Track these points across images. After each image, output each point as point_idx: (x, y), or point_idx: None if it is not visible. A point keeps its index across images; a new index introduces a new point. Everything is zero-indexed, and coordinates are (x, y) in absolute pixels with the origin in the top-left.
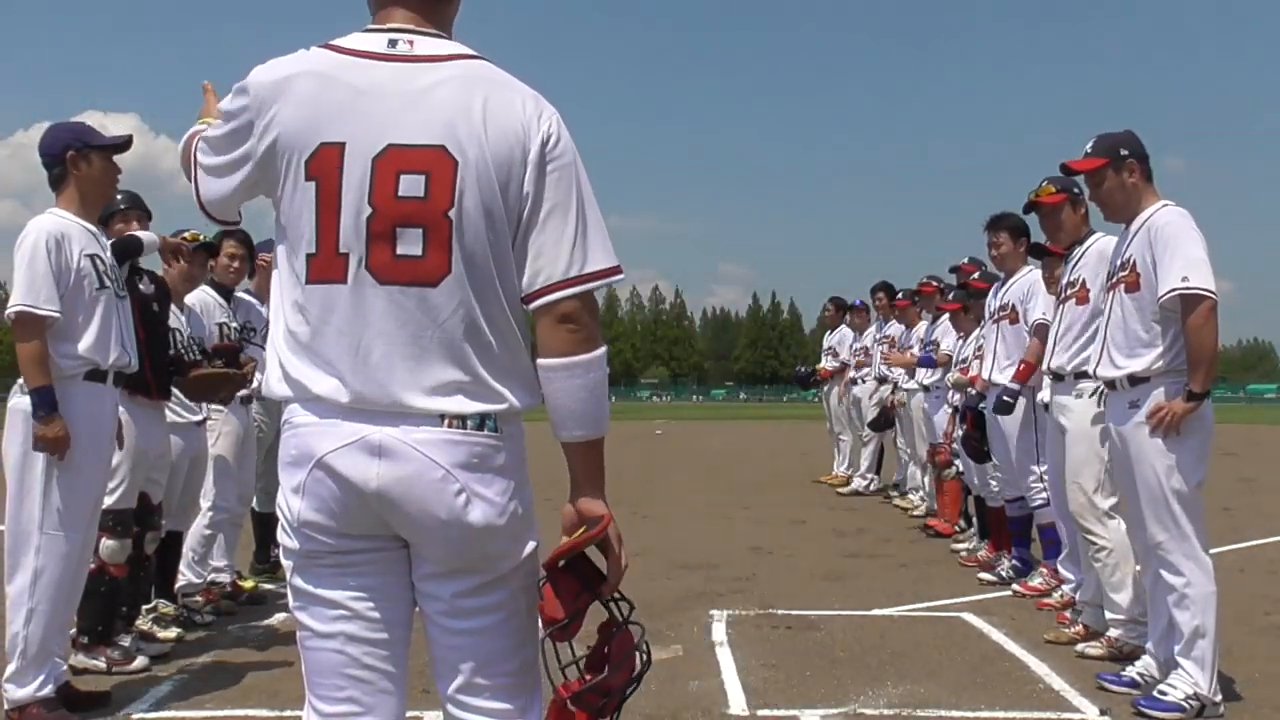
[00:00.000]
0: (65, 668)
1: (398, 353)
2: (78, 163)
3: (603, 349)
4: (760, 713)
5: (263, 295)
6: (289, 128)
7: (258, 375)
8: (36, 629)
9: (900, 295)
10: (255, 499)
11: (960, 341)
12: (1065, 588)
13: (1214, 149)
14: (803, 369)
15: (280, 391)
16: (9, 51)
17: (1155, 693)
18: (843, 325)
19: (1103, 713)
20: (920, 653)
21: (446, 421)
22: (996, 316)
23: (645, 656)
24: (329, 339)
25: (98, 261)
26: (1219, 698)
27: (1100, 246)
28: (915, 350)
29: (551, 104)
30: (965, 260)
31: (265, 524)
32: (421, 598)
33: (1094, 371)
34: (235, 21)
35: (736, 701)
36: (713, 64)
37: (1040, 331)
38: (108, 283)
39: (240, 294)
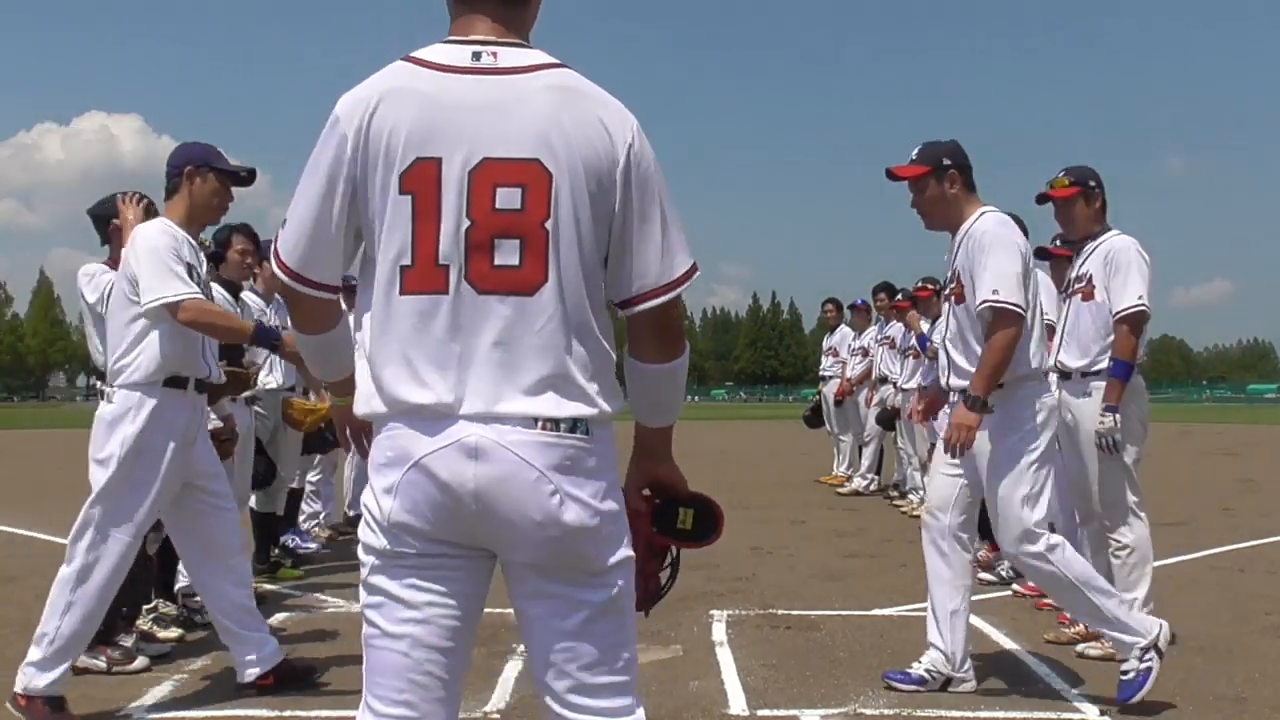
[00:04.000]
0: (275, 646)
1: (494, 359)
2: (193, 178)
3: (687, 348)
4: (760, 713)
5: (268, 296)
6: (383, 144)
7: (261, 376)
8: (70, 622)
9: (900, 296)
10: (255, 499)
11: None
12: None
13: (1214, 149)
14: (808, 413)
15: (374, 408)
16: (10, 52)
17: (1120, 677)
18: (843, 325)
19: (1103, 713)
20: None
21: (540, 425)
22: None
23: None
24: (427, 348)
25: (193, 273)
26: (1154, 627)
27: (1111, 244)
28: (915, 348)
29: None
30: None
31: (264, 524)
32: (522, 600)
33: (947, 383)
34: (237, 22)
35: (736, 701)
36: (712, 63)
37: (1047, 334)
38: (202, 295)
39: (246, 295)
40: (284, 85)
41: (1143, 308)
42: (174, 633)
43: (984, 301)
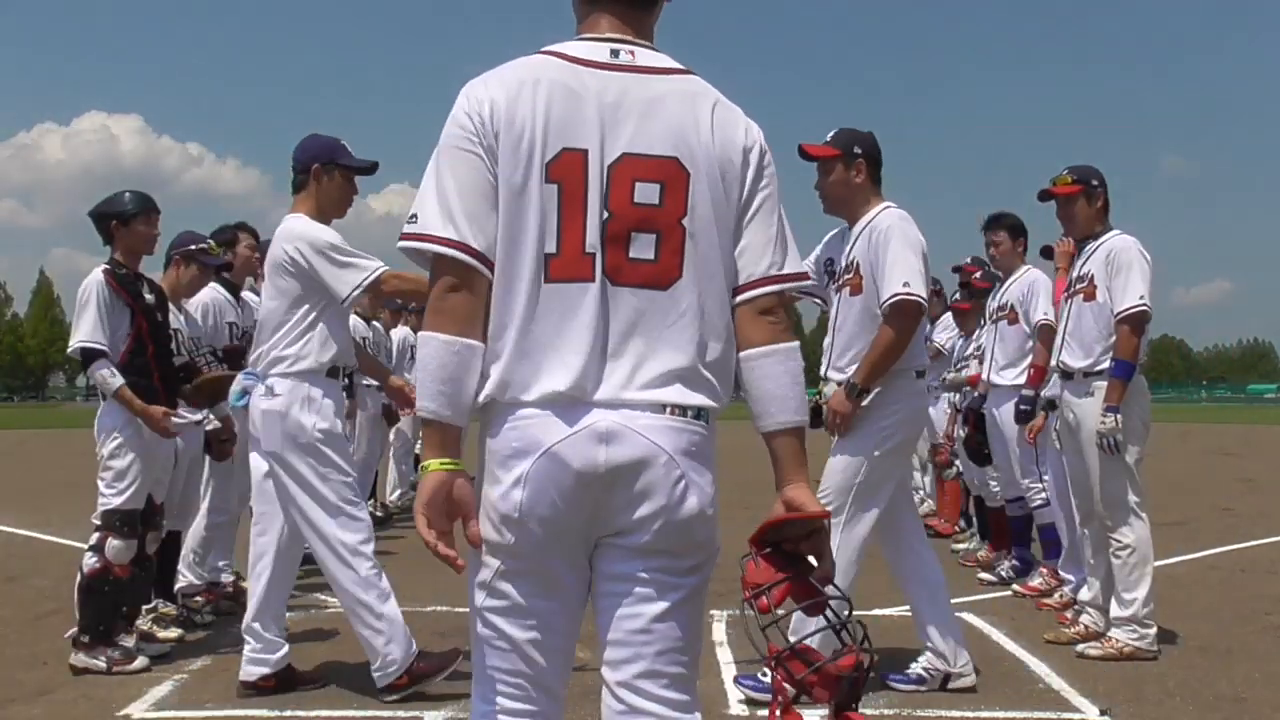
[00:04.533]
0: (286, 650)
1: (628, 349)
2: (320, 176)
3: (797, 342)
4: (760, 713)
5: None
6: (529, 129)
7: None
8: (370, 591)
9: None
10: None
11: (962, 340)
12: (1065, 588)
13: (1214, 149)
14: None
15: (506, 395)
16: (11, 52)
17: (909, 667)
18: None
19: (1103, 713)
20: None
21: (669, 410)
22: (995, 317)
23: (865, 653)
24: (570, 335)
25: None
26: (950, 667)
27: (1112, 244)
28: None
29: None
30: (967, 260)
31: None
32: (610, 580)
33: (824, 372)
34: (237, 23)
35: (737, 701)
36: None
37: (1044, 333)
38: None
39: (246, 294)
40: (284, 86)
41: (1144, 308)
42: (174, 633)
43: (895, 295)
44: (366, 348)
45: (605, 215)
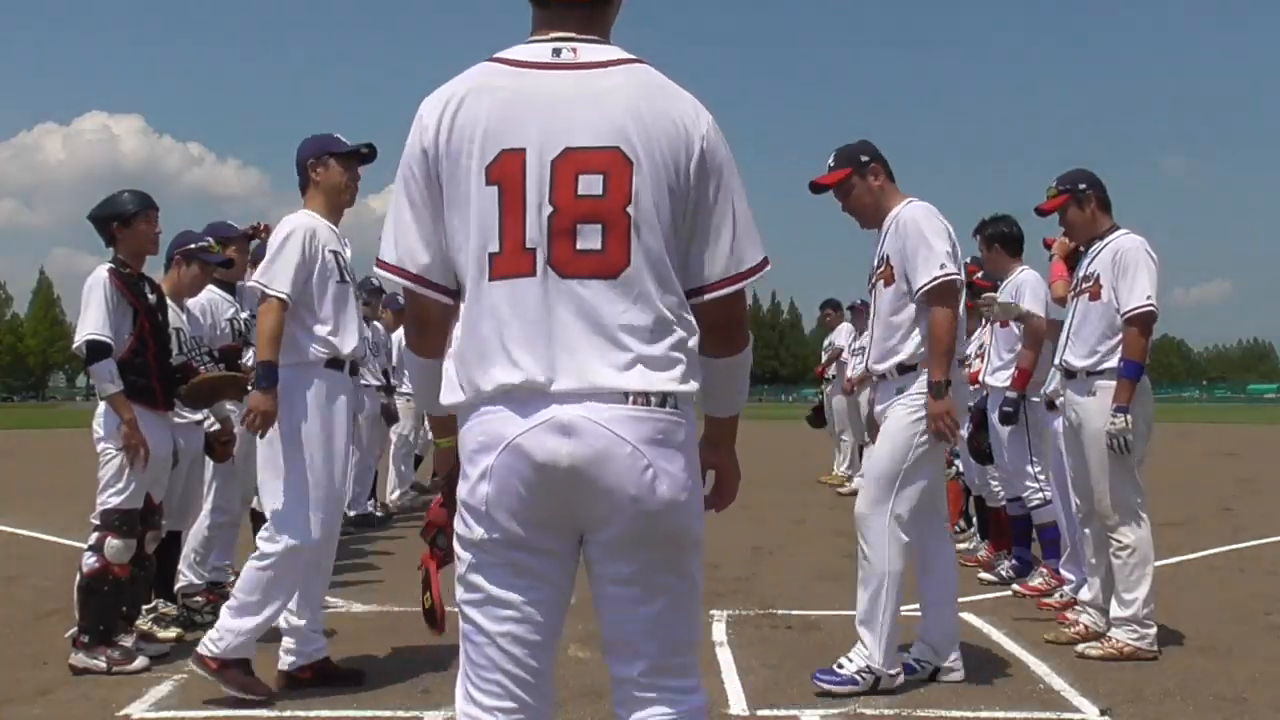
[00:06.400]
0: (323, 644)
1: (582, 339)
2: (315, 169)
3: (750, 340)
4: (760, 713)
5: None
6: (466, 139)
7: None
8: (288, 597)
9: None
10: (257, 499)
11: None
12: (1065, 588)
13: (1214, 149)
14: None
15: (464, 395)
16: (11, 52)
17: (836, 664)
18: (844, 323)
19: (1103, 713)
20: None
21: (631, 399)
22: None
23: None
24: (516, 330)
25: (340, 258)
26: (896, 670)
27: (1119, 244)
28: None
29: None
30: (968, 260)
31: None
32: (601, 581)
33: (868, 367)
34: (238, 23)
35: (736, 701)
36: (711, 63)
37: (1030, 335)
38: (347, 278)
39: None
40: (285, 86)
41: (1151, 308)
42: (174, 633)
43: (932, 278)
44: (367, 348)
45: (550, 210)
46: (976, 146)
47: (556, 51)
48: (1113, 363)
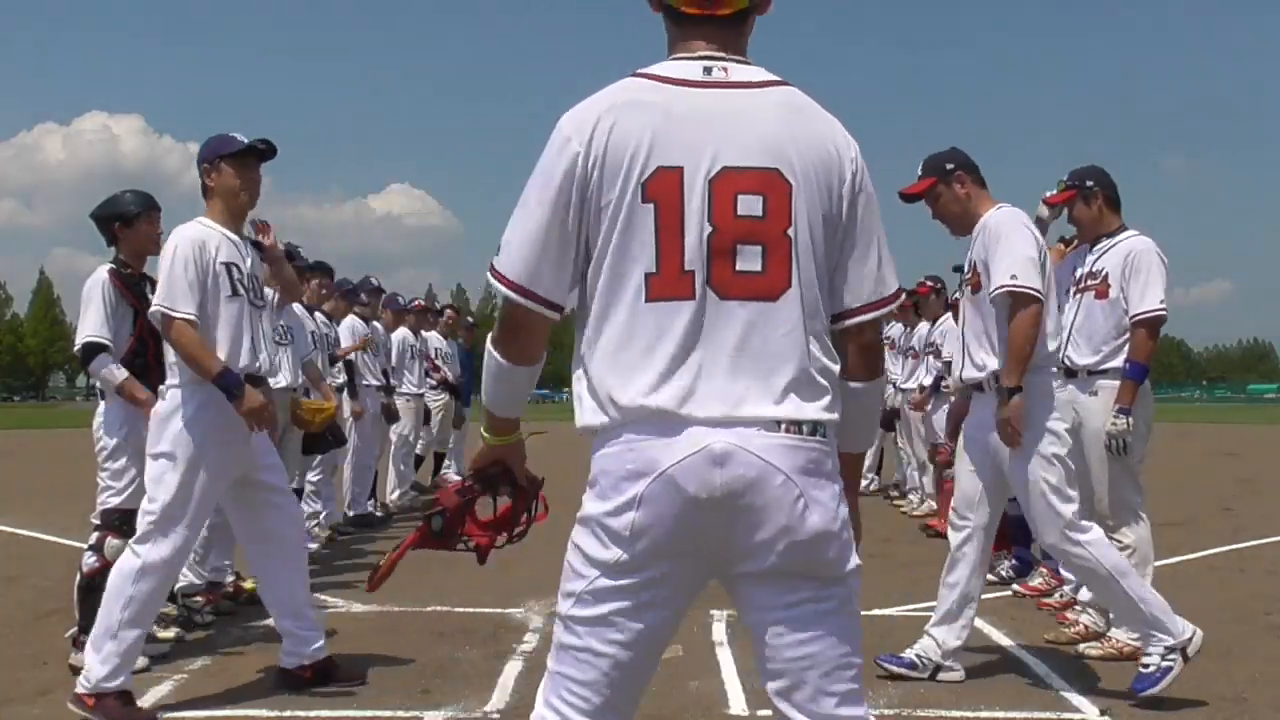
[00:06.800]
0: (321, 643)
1: (737, 364)
2: (210, 174)
3: (884, 375)
4: (760, 713)
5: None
6: (621, 154)
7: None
8: (130, 615)
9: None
10: None
11: None
12: (1065, 588)
13: (1214, 149)
14: None
15: (608, 416)
16: (12, 52)
17: (1139, 668)
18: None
19: (1103, 713)
20: None
21: (784, 428)
22: None
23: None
24: (670, 353)
25: (234, 270)
26: (1188, 631)
27: (1131, 245)
28: (915, 348)
29: (569, 103)
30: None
31: None
32: (757, 610)
33: (960, 376)
34: (239, 23)
35: (736, 701)
36: None
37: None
38: (241, 290)
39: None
40: (286, 86)
41: (1162, 312)
42: (173, 633)
43: (1000, 286)
44: (367, 348)
45: (709, 230)
46: (975, 146)
47: (707, 70)
48: (1117, 362)
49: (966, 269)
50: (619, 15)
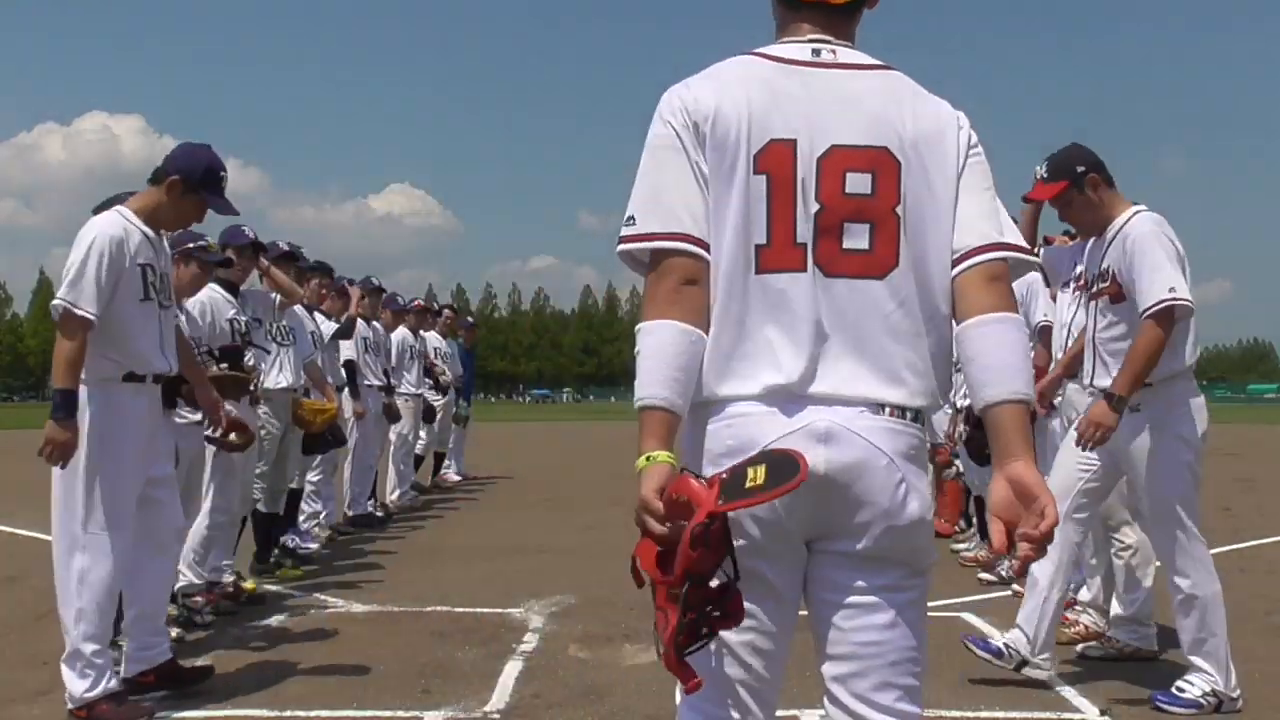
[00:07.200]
0: (165, 646)
1: (845, 343)
2: (173, 190)
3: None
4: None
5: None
6: (735, 124)
7: (273, 375)
8: (87, 628)
9: None
10: (263, 499)
11: None
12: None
13: (1214, 149)
14: None
15: (716, 392)
16: (12, 52)
17: (1174, 688)
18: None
19: (1103, 713)
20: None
21: (888, 411)
22: None
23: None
24: (781, 328)
25: (148, 272)
26: (1237, 693)
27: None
28: None
29: (568, 103)
30: None
31: (266, 525)
32: (836, 593)
33: (1091, 382)
34: (239, 23)
35: None
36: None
37: (1044, 335)
38: (153, 294)
39: (247, 288)
40: (286, 86)
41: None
42: (173, 633)
43: (1162, 300)
44: (367, 348)
45: (817, 207)
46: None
47: (816, 51)
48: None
49: (1100, 276)
50: (619, 15)
